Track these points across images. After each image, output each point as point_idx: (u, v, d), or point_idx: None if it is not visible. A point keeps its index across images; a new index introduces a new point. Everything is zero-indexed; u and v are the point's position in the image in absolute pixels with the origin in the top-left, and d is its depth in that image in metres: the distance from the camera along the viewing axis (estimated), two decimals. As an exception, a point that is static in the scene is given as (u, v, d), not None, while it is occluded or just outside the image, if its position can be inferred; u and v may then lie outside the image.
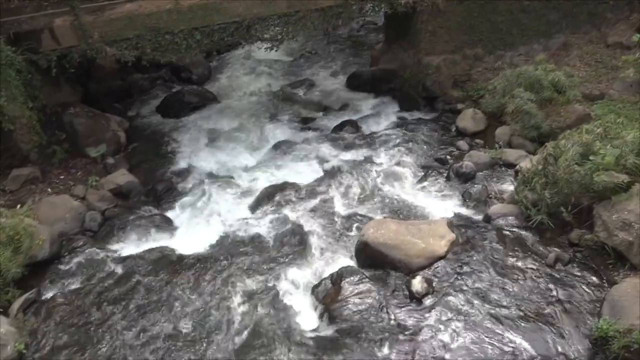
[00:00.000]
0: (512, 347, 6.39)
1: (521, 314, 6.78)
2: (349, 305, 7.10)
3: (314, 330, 7.12)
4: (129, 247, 8.98)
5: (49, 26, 10.02)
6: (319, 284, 7.64)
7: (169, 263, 8.44)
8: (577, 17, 12.91)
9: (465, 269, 7.54)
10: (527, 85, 10.58)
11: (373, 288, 7.31)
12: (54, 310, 7.66)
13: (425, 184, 9.95)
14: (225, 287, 7.87)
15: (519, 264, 7.51)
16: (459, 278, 7.41)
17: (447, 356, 6.42)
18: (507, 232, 8.10)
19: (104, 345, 7.07)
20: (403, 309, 7.09)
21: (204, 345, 6.96)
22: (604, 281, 7.02)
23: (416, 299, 7.15)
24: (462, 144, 11.01)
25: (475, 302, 7.03)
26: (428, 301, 7.13)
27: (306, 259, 8.40)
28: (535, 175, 8.17)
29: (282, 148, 11.82)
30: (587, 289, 6.98)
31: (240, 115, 13.34)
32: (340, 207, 9.55)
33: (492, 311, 6.87)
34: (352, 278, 7.42)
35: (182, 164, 11.53)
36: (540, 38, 12.89)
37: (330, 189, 10.03)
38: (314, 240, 8.73)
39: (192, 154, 11.86)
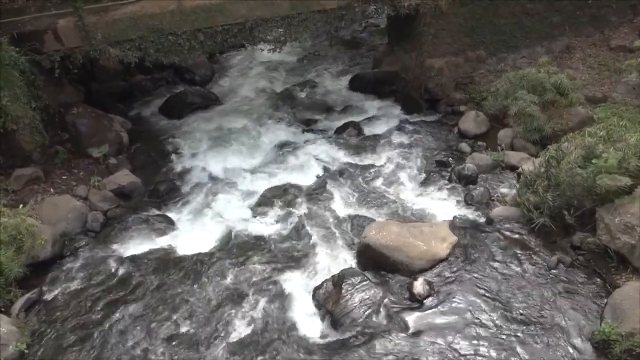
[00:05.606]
0: (514, 350, 6.39)
1: (523, 316, 6.78)
2: (350, 307, 7.10)
3: (315, 332, 7.12)
4: (130, 247, 8.98)
5: (53, 27, 10.05)
6: (320, 285, 7.64)
7: (170, 264, 8.46)
8: (580, 19, 12.90)
9: (467, 271, 7.54)
10: (530, 87, 10.56)
11: (374, 290, 7.30)
12: (56, 310, 7.69)
13: (427, 186, 9.95)
14: (226, 289, 7.89)
15: (521, 266, 7.51)
16: (461, 280, 7.41)
17: (448, 358, 6.41)
18: (509, 235, 8.10)
19: (105, 345, 7.08)
20: (404, 310, 7.10)
21: (205, 347, 6.96)
22: (606, 284, 7.02)
23: (418, 300, 7.16)
24: (464, 146, 11.01)
25: (477, 304, 7.04)
26: (429, 303, 7.14)
27: (307, 260, 8.41)
28: (538, 178, 8.17)
29: (284, 149, 11.84)
30: (589, 292, 6.99)
31: (242, 117, 13.35)
32: (341, 209, 9.55)
33: (494, 313, 6.88)
34: (353, 280, 7.41)
35: (184, 165, 11.54)
36: (543, 41, 12.87)
37: (332, 190, 10.04)
38: (315, 242, 8.74)
39: (195, 155, 11.87)
